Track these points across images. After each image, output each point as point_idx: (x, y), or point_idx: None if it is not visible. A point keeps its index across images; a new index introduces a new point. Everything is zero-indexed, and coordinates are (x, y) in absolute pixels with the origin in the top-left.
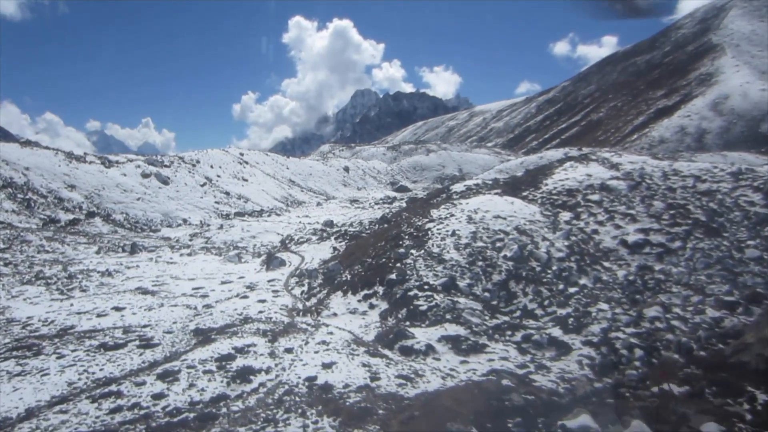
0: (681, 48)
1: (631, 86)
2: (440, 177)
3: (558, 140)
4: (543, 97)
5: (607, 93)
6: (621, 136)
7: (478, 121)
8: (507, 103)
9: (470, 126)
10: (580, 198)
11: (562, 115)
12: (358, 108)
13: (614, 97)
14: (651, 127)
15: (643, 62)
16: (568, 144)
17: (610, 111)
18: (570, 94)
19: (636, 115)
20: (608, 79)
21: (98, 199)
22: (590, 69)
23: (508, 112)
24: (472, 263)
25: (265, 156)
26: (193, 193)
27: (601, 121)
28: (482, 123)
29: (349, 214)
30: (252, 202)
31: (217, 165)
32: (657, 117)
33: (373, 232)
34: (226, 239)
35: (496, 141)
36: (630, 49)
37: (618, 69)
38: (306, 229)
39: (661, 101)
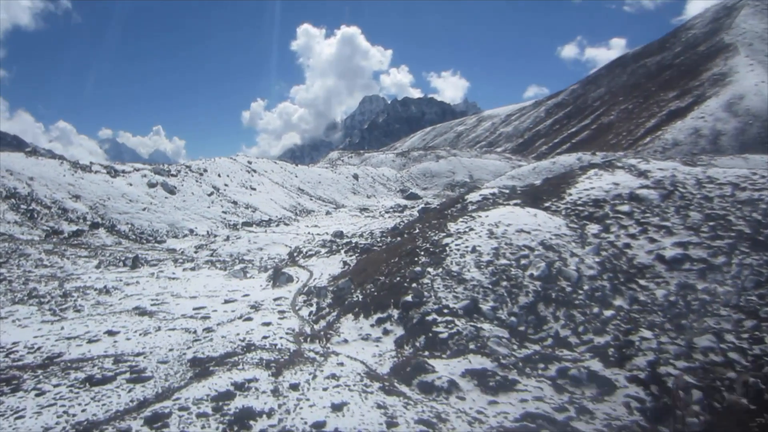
0: (692, 48)
1: (642, 88)
2: (450, 184)
3: (568, 144)
4: (552, 100)
5: (618, 95)
6: (633, 139)
7: (486, 125)
8: (516, 108)
9: (479, 131)
10: (608, 209)
11: (572, 119)
12: (367, 114)
13: (625, 99)
14: (664, 129)
15: (653, 64)
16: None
17: (621, 114)
18: (579, 98)
19: (648, 117)
20: (618, 81)
21: (103, 210)
22: (599, 71)
23: (517, 116)
24: (496, 283)
25: (273, 164)
26: (200, 202)
27: (612, 124)
28: (491, 128)
29: (359, 224)
30: (260, 212)
31: (224, 174)
32: (669, 119)
33: (386, 246)
34: (232, 251)
35: (506, 146)
36: (640, 50)
37: (628, 71)
38: (315, 241)
39: (674, 103)
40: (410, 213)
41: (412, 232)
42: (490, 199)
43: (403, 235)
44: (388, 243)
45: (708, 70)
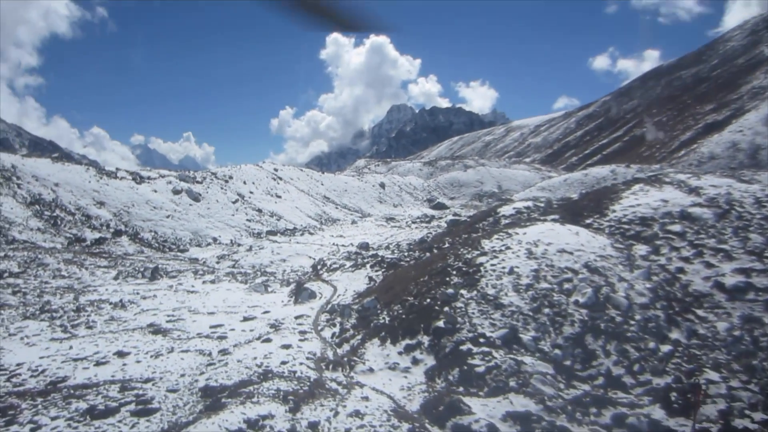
0: (730, 61)
1: (677, 101)
2: (478, 194)
3: (599, 156)
4: (583, 112)
5: (651, 108)
6: (667, 152)
7: (515, 136)
8: (545, 118)
9: (507, 141)
10: (657, 228)
11: (603, 131)
12: (394, 123)
13: (659, 111)
14: (700, 142)
15: (689, 76)
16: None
17: (655, 126)
18: (611, 109)
19: (683, 130)
20: (652, 93)
21: (127, 217)
22: (632, 83)
23: (547, 127)
24: (537, 310)
25: (299, 171)
26: (225, 210)
27: (645, 136)
28: (519, 138)
29: (385, 234)
30: (285, 220)
31: (250, 181)
32: (706, 132)
33: (414, 262)
34: (255, 263)
35: (534, 156)
36: (675, 62)
37: (662, 83)
38: (339, 253)
39: (710, 116)
40: (438, 224)
41: (441, 247)
42: (525, 213)
43: (432, 249)
44: (416, 258)
45: (747, 83)
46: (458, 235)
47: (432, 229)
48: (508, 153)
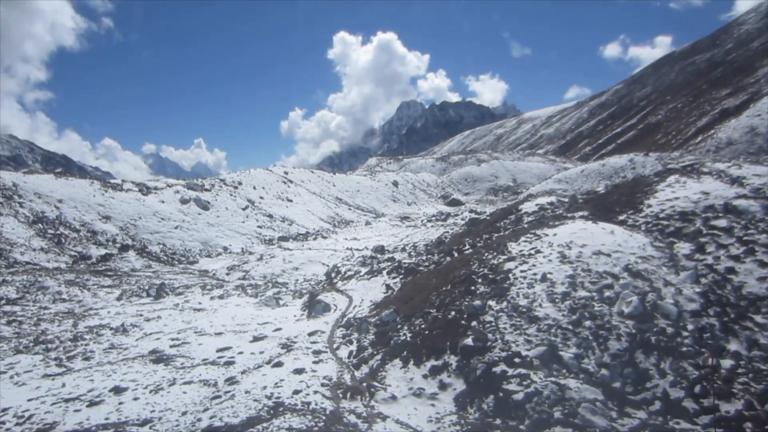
0: (745, 45)
1: (692, 86)
2: (493, 188)
3: (613, 145)
4: (595, 101)
5: (665, 94)
6: (683, 138)
7: (527, 128)
8: (557, 109)
9: (519, 133)
10: (699, 224)
11: (617, 119)
12: (404, 120)
13: (673, 98)
14: (716, 128)
15: (703, 61)
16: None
17: (669, 113)
18: (624, 97)
19: (699, 116)
20: (665, 79)
21: (134, 230)
22: (645, 70)
23: (559, 117)
24: (577, 323)
25: (310, 174)
26: (235, 217)
27: (660, 123)
28: (531, 130)
29: (401, 235)
30: (297, 225)
31: (260, 186)
32: (722, 118)
33: (434, 266)
34: (266, 272)
35: (547, 148)
36: (688, 48)
37: (676, 69)
38: (354, 258)
39: (727, 101)
40: (454, 221)
41: (462, 250)
42: (549, 210)
43: (452, 253)
44: (435, 262)
45: (764, 66)
46: (479, 236)
47: (448, 227)
48: (520, 145)
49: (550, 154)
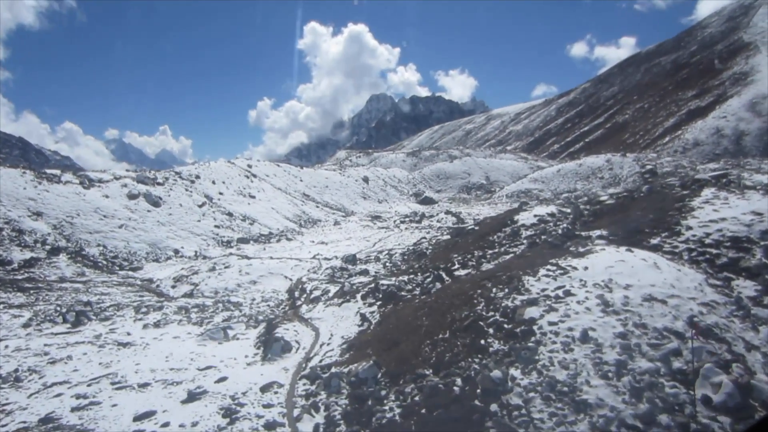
0: (709, 47)
1: (658, 87)
2: (466, 186)
3: (581, 143)
4: (563, 99)
5: (632, 94)
6: (651, 138)
7: (495, 124)
8: (525, 106)
9: (488, 129)
10: (761, 255)
11: (584, 118)
12: (374, 113)
13: (639, 98)
14: (683, 129)
15: (668, 62)
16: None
17: (636, 113)
18: (591, 96)
19: (666, 116)
20: (631, 80)
21: (70, 229)
22: (611, 70)
23: (527, 114)
24: (649, 418)
25: (275, 167)
26: (189, 215)
27: (627, 123)
28: (500, 126)
29: (373, 239)
30: (259, 224)
31: (220, 180)
32: (689, 119)
33: (422, 297)
34: (218, 287)
35: (516, 144)
36: (653, 49)
37: (641, 69)
38: (321, 269)
39: (693, 102)
40: (429, 223)
41: (452, 271)
42: (550, 222)
43: (441, 277)
44: (421, 286)
45: (728, 69)
46: (468, 252)
47: (424, 230)
48: (489, 141)
49: (519, 150)
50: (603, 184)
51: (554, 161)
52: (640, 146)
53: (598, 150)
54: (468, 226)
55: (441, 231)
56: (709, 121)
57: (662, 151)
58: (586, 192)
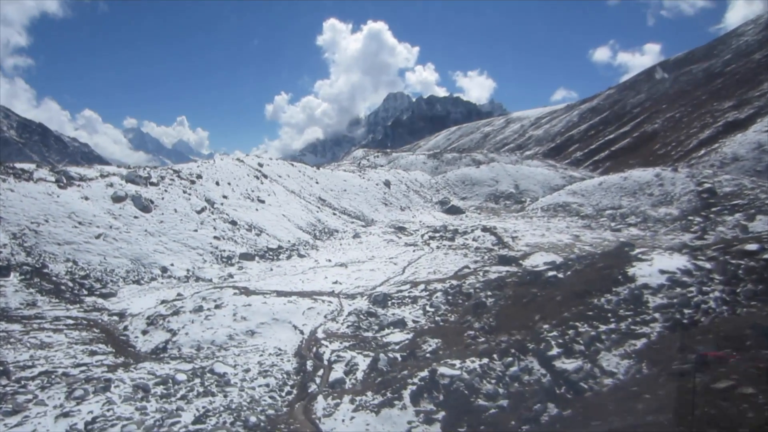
0: (745, 56)
1: (690, 96)
2: (494, 194)
3: (607, 152)
4: (586, 105)
5: (661, 103)
6: (684, 150)
7: (515, 127)
8: (546, 110)
9: (507, 133)
10: None
11: (609, 125)
12: (390, 111)
13: (669, 107)
14: (721, 142)
15: (700, 71)
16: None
17: (666, 122)
18: (617, 103)
19: (701, 128)
20: (660, 88)
21: (33, 239)
22: (638, 76)
23: (548, 119)
24: None
25: (289, 167)
26: (185, 224)
27: (657, 132)
28: (520, 130)
29: (401, 261)
30: (267, 235)
31: (225, 181)
32: (727, 131)
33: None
34: (202, 339)
35: (536, 150)
36: (682, 56)
37: (671, 77)
38: (343, 315)
39: (731, 114)
40: (464, 242)
41: (560, 373)
42: (693, 289)
43: (551, 394)
44: (509, 388)
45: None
46: (562, 320)
47: (459, 251)
48: (507, 145)
49: (540, 156)
50: (653, 201)
51: (579, 169)
52: (672, 158)
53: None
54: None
55: (482, 256)
56: (750, 135)
57: (697, 164)
58: (634, 210)
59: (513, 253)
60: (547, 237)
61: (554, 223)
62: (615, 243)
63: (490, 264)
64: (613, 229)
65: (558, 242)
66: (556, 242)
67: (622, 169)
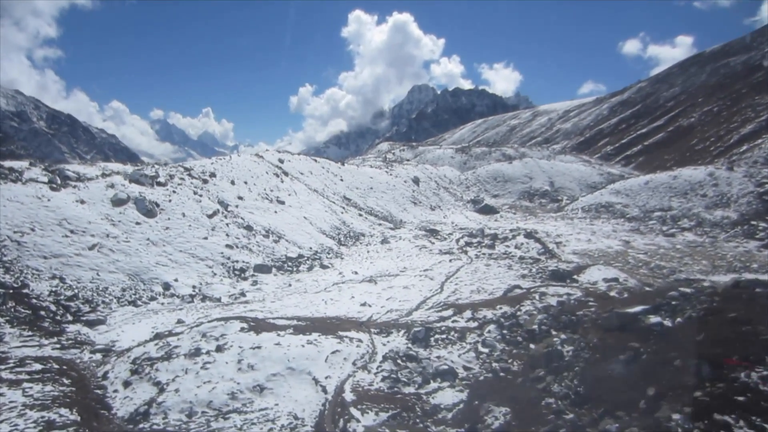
0: None
1: (728, 90)
2: (528, 192)
3: (640, 146)
4: (616, 98)
5: (696, 96)
6: (724, 146)
7: (542, 121)
8: (574, 104)
9: (534, 126)
10: None
11: (641, 119)
12: (415, 104)
13: (706, 101)
14: (765, 137)
15: (738, 63)
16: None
17: (703, 116)
18: (649, 96)
19: (741, 122)
20: (695, 80)
21: (15, 252)
22: (671, 69)
23: (577, 113)
24: None
25: (312, 163)
26: (194, 230)
27: (694, 127)
28: (547, 123)
29: (437, 274)
30: (287, 241)
31: (241, 180)
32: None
33: None
34: (196, 401)
35: (564, 144)
36: (719, 49)
37: (707, 70)
38: (376, 362)
39: None
40: (505, 250)
41: None
42: None
43: None
44: None
45: None
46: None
47: (502, 262)
48: (535, 138)
49: (568, 150)
50: (706, 203)
51: (612, 164)
52: (711, 153)
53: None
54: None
55: (529, 268)
56: None
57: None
58: (686, 212)
59: (564, 265)
60: (594, 243)
61: (598, 226)
62: (675, 252)
63: (542, 279)
64: (666, 234)
65: (608, 249)
66: (605, 249)
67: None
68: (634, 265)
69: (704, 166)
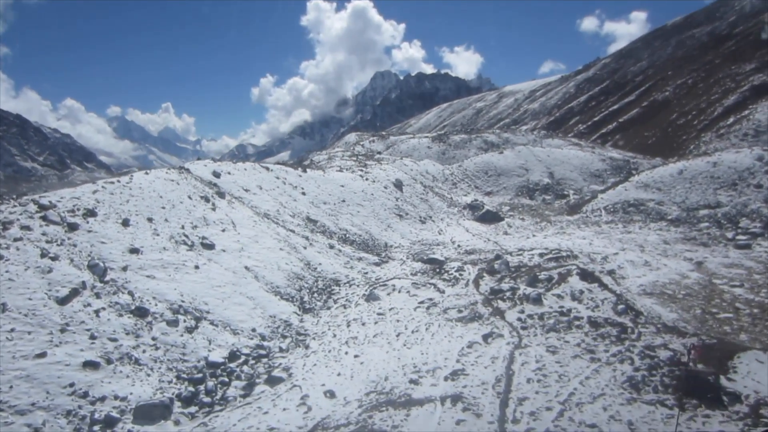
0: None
1: (699, 61)
2: (525, 186)
3: (615, 123)
4: (581, 75)
5: (665, 69)
6: (708, 119)
7: (509, 102)
8: (539, 83)
9: (500, 108)
10: None
11: (610, 95)
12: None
13: (677, 73)
14: (751, 108)
15: (703, 34)
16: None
17: (678, 89)
18: (616, 72)
19: (723, 93)
20: (661, 54)
21: None
22: (634, 44)
23: (543, 92)
24: None
25: (262, 173)
26: (19, 340)
27: (669, 101)
28: (514, 104)
29: (482, 389)
30: (211, 324)
31: (143, 215)
32: (756, 96)
33: None
34: None
35: (533, 124)
36: (681, 21)
37: (672, 43)
38: None
39: (756, 77)
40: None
41: None
42: None
43: None
44: None
45: None
46: None
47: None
48: (502, 120)
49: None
50: (765, 196)
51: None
52: (695, 128)
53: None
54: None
55: (629, 356)
56: None
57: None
58: (741, 210)
59: (673, 344)
60: (656, 267)
61: (639, 235)
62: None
63: (664, 385)
64: (738, 245)
65: (683, 280)
66: (679, 280)
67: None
68: (759, 317)
69: (749, 149)
